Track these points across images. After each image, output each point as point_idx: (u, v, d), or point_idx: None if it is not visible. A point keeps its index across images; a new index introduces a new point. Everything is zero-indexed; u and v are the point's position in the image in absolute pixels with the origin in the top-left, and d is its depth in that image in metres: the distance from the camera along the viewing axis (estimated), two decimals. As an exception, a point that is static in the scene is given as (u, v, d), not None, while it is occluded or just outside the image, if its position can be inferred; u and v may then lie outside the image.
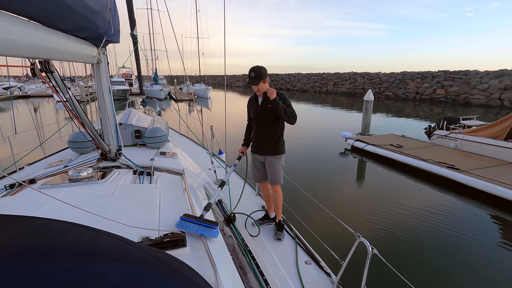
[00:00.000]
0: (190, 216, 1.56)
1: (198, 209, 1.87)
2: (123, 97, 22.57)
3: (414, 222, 4.63)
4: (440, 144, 8.41)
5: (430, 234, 4.26)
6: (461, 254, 3.79)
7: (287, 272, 2.15)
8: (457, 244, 4.01)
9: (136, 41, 5.63)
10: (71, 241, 0.45)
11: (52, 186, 1.93)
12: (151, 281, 0.43)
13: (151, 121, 4.45)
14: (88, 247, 0.44)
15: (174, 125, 6.68)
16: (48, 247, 0.41)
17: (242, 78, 64.02)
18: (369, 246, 1.63)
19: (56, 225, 0.50)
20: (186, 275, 0.54)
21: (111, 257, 0.44)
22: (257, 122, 2.62)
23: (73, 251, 0.42)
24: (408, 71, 31.27)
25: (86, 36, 2.07)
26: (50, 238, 0.44)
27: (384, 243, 3.95)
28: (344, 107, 22.74)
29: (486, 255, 3.78)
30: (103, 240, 0.49)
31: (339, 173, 7.19)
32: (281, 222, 2.71)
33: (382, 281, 2.30)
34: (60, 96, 2.13)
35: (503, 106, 19.69)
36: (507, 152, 6.70)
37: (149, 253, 0.52)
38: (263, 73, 2.40)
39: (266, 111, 2.50)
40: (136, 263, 0.45)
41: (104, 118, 2.75)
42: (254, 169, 2.82)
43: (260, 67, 2.41)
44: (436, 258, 3.69)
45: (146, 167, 2.67)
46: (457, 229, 4.46)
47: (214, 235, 1.51)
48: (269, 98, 2.41)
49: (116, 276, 0.41)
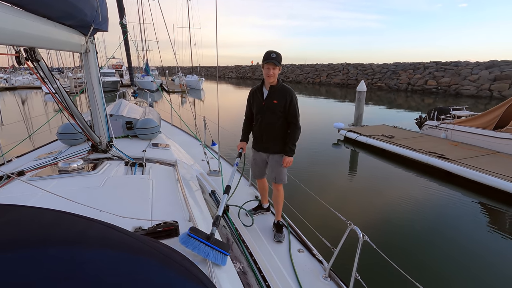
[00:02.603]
0: (198, 232, 1.31)
1: (191, 201, 1.87)
2: (114, 88, 22.17)
3: (405, 211, 4.73)
4: (431, 134, 8.54)
5: (420, 222, 4.36)
6: (449, 241, 3.90)
7: (280, 260, 2.18)
8: (445, 232, 4.12)
9: (125, 30, 5.49)
10: (63, 229, 0.45)
11: (42, 178, 1.90)
12: (144, 268, 0.43)
13: (142, 112, 4.39)
14: (80, 235, 0.44)
15: (166, 117, 6.60)
16: (39, 235, 0.40)
17: (235, 69, 63.39)
18: (360, 233, 1.67)
19: (48, 213, 0.49)
20: (180, 263, 0.54)
21: (104, 244, 0.44)
22: (260, 117, 2.43)
23: (65, 238, 0.42)
24: (401, 62, 31.37)
25: (73, 24, 2.01)
26: (41, 227, 0.43)
27: (376, 231, 4.04)
28: (337, 98, 22.79)
29: (474, 242, 3.90)
30: (95, 228, 0.48)
31: (332, 164, 7.25)
32: (280, 223, 2.54)
33: (373, 268, 2.36)
34: (48, 86, 2.08)
35: (492, 97, 20.01)
36: (496, 141, 6.84)
37: (142, 241, 0.52)
38: (281, 58, 2.27)
39: (271, 107, 2.33)
40: (129, 251, 0.45)
41: (94, 108, 2.70)
42: (254, 166, 2.66)
43: (280, 52, 2.25)
44: (425, 245, 3.79)
45: (138, 158, 2.65)
46: (446, 217, 4.57)
47: (224, 263, 1.30)
48: (275, 92, 2.31)
49: (109, 262, 0.40)
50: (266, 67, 2.25)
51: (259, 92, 2.42)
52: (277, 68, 2.25)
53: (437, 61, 27.94)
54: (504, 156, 6.42)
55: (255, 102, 2.46)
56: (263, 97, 2.39)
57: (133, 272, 0.41)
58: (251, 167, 2.75)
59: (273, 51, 2.24)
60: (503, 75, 20.86)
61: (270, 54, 2.22)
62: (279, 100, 2.32)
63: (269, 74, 2.26)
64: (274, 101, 2.32)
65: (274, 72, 2.25)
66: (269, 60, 2.21)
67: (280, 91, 2.33)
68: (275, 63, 2.22)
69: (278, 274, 2.02)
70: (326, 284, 1.97)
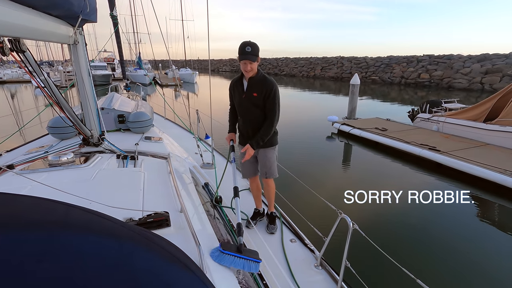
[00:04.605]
0: (228, 246, 1.40)
1: (184, 193, 1.88)
2: (106, 82, 21.84)
3: (396, 202, 4.80)
4: (423, 127, 8.64)
5: (410, 212, 4.44)
6: (438, 230, 3.99)
7: (273, 250, 2.21)
8: (434, 221, 4.21)
9: (116, 22, 5.40)
10: (41, 213, 0.44)
11: (32, 171, 1.88)
12: (124, 251, 0.43)
13: (135, 106, 4.35)
14: (58, 219, 0.44)
15: (159, 110, 6.55)
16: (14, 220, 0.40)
17: (229, 63, 62.89)
18: (350, 222, 1.70)
19: (25, 199, 0.49)
20: (165, 248, 0.54)
21: (83, 228, 0.44)
22: (243, 111, 2.29)
23: (43, 223, 0.41)
24: (395, 56, 31.47)
25: (60, 14, 1.97)
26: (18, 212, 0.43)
27: (367, 221, 4.10)
28: (332, 91, 22.84)
29: (462, 230, 4.00)
30: (75, 213, 0.48)
31: (325, 156, 7.31)
32: (273, 214, 2.53)
33: (363, 255, 2.41)
34: (35, 79, 2.04)
35: (483, 90, 20.25)
36: (486, 133, 6.95)
37: (126, 227, 0.52)
38: (258, 50, 2.05)
39: (252, 99, 2.18)
40: (110, 235, 0.45)
41: (85, 102, 2.66)
42: (243, 164, 2.46)
43: (255, 42, 2.03)
44: (414, 234, 3.88)
45: (130, 151, 2.63)
46: (435, 207, 4.66)
47: (257, 270, 1.47)
48: (255, 84, 2.14)
49: (89, 246, 0.40)
50: (243, 62, 2.05)
51: (239, 84, 2.25)
52: (254, 62, 2.05)
53: (430, 54, 28.10)
54: (493, 148, 6.54)
55: (236, 95, 2.30)
56: (243, 90, 2.22)
57: (114, 255, 0.41)
58: (241, 166, 2.54)
59: (248, 43, 2.02)
60: (494, 69, 21.10)
61: (245, 47, 2.01)
62: (259, 93, 2.14)
63: (246, 69, 2.08)
64: (254, 94, 2.15)
65: (251, 66, 2.06)
66: (245, 56, 2.01)
67: (260, 83, 2.15)
68: (253, 58, 2.02)
69: (271, 264, 2.05)
70: (317, 272, 2.01)
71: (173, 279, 0.45)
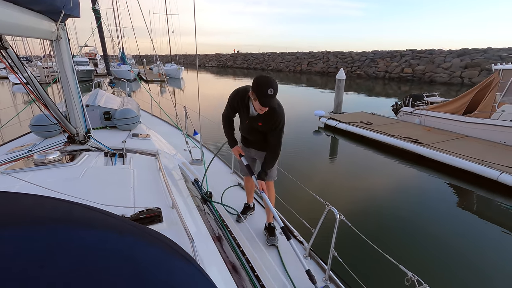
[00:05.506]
0: None
1: (174, 189, 1.89)
2: (88, 78, 21.17)
3: (380, 192, 4.97)
4: (406, 120, 8.89)
5: (394, 202, 4.61)
6: (420, 219, 4.16)
7: (263, 243, 2.27)
8: (417, 210, 4.39)
9: (98, 16, 5.25)
10: (45, 211, 0.46)
11: (16, 171, 1.84)
12: (128, 245, 0.46)
13: (120, 102, 4.27)
14: (62, 216, 0.45)
15: (146, 107, 6.44)
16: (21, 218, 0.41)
17: (216, 58, 62.20)
18: (337, 213, 1.76)
19: (29, 197, 0.50)
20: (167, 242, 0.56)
21: (87, 224, 0.46)
22: (244, 129, 2.22)
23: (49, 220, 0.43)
24: (379, 50, 32.02)
25: (42, 9, 1.92)
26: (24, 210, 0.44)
27: (353, 212, 4.22)
28: (318, 86, 23.05)
29: (443, 218, 4.18)
30: (78, 210, 0.50)
31: (313, 150, 7.42)
32: (272, 225, 2.36)
33: (350, 245, 2.50)
34: (18, 76, 1.99)
35: (463, 84, 20.96)
36: (465, 126, 7.24)
37: (127, 222, 0.54)
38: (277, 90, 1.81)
39: (255, 126, 2.09)
40: (114, 230, 0.47)
41: (69, 99, 2.60)
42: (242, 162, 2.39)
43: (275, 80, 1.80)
44: (398, 223, 4.03)
45: (118, 149, 2.61)
46: (418, 197, 4.85)
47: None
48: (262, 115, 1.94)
49: (95, 240, 0.42)
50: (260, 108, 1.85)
51: (244, 106, 2.04)
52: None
53: (413, 49, 28.76)
54: (472, 140, 6.82)
55: (239, 113, 2.15)
56: (248, 114, 2.06)
57: (119, 248, 0.44)
58: (239, 164, 2.51)
59: (271, 83, 1.75)
60: (473, 63, 21.85)
61: (267, 89, 1.74)
62: (265, 123, 2.01)
63: (262, 109, 1.87)
64: (259, 123, 2.04)
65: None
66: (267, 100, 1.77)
67: (268, 115, 1.94)
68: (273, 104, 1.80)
69: (261, 256, 2.10)
70: (306, 262, 2.08)
71: (175, 269, 0.48)
